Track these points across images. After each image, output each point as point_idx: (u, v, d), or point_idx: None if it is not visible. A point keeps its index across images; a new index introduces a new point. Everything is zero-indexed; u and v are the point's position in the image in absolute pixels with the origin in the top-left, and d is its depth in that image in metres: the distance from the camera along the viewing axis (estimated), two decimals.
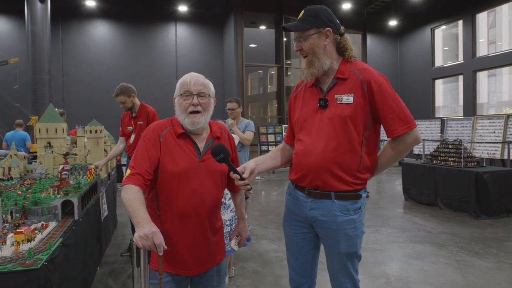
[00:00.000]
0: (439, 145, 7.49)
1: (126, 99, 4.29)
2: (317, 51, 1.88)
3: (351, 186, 1.88)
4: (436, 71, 15.89)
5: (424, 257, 4.45)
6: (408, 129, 1.83)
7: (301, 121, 1.99)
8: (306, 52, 1.91)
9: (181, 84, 1.81)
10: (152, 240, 1.38)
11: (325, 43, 1.90)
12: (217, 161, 1.70)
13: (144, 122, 4.32)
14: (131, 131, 4.44)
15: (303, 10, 1.94)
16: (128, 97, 4.31)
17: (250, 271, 4.07)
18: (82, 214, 3.04)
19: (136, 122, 4.39)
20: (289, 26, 1.94)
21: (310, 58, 1.90)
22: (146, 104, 4.48)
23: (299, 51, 1.94)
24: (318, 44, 1.89)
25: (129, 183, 1.62)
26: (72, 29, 14.47)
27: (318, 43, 1.89)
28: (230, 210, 3.37)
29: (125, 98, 4.29)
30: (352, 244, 1.91)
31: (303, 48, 1.91)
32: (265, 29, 16.95)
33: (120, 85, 4.35)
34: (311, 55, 1.89)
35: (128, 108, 4.38)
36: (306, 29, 1.89)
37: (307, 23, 1.89)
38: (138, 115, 4.40)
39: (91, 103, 14.07)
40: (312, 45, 1.88)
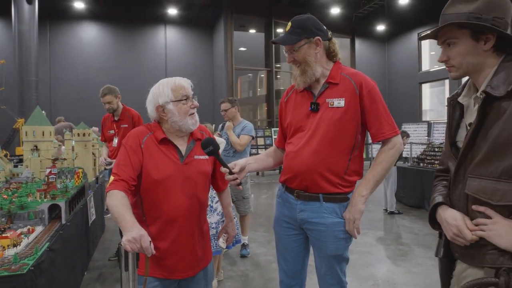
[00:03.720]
0: (426, 148, 7.60)
1: (113, 99, 4.24)
2: (309, 59, 1.93)
3: (339, 188, 1.92)
4: (423, 75, 16.14)
5: (411, 259, 4.51)
6: (395, 133, 1.92)
7: (293, 124, 2.03)
8: (299, 62, 1.95)
9: (176, 90, 1.80)
10: (140, 243, 1.38)
11: (316, 51, 1.94)
12: (207, 153, 1.77)
13: (128, 125, 4.25)
14: (113, 135, 4.35)
15: (290, 22, 1.97)
16: (115, 97, 4.26)
17: (239, 275, 4.07)
18: (70, 218, 3.01)
19: (120, 125, 4.31)
20: (278, 40, 1.99)
21: (303, 67, 1.94)
22: (129, 107, 4.42)
23: (293, 62, 1.97)
24: (309, 53, 1.93)
25: (114, 188, 1.61)
26: (60, 31, 14.34)
27: (309, 52, 1.93)
28: (216, 213, 3.38)
29: (112, 98, 4.23)
30: (340, 247, 1.94)
31: (296, 59, 1.95)
32: (254, 33, 17.02)
33: (106, 85, 4.29)
34: (304, 64, 1.94)
35: (113, 110, 4.30)
36: (296, 41, 1.93)
37: (296, 35, 1.93)
38: (121, 118, 4.33)
39: (79, 106, 13.92)
40: (304, 56, 1.93)
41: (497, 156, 1.22)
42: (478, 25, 1.25)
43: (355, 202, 1.90)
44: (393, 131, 1.91)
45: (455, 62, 1.33)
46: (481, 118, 1.26)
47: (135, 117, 4.33)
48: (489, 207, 1.24)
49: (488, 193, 1.23)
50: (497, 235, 1.20)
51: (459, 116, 1.41)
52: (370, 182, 1.92)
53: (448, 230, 1.33)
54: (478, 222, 1.26)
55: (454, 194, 1.38)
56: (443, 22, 1.32)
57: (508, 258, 1.19)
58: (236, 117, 4.55)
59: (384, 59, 18.47)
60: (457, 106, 1.42)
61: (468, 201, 1.31)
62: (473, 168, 1.28)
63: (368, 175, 1.94)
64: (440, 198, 1.42)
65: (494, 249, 1.22)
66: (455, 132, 1.42)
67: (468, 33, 1.28)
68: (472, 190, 1.28)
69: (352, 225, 1.88)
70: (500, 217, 1.22)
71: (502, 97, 1.21)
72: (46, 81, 13.91)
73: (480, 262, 1.26)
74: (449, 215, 1.34)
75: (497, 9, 1.25)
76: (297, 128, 2.01)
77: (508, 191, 1.19)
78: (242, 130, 4.44)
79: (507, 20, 1.27)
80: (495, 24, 1.24)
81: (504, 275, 1.17)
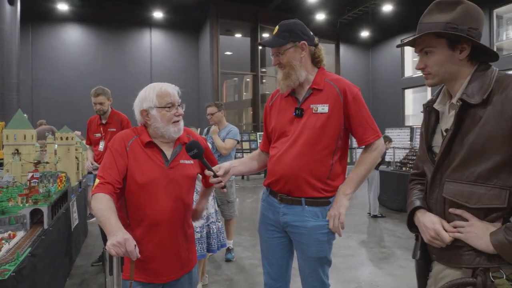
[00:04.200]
0: (408, 153, 7.74)
1: (105, 101, 4.13)
2: (294, 63, 1.97)
3: (322, 193, 1.96)
4: (406, 81, 16.42)
5: (394, 262, 4.58)
6: (378, 137, 1.99)
7: (278, 129, 2.07)
8: (283, 65, 1.98)
9: (161, 96, 1.80)
10: (125, 246, 1.38)
11: (301, 55, 1.98)
12: (191, 156, 1.77)
13: (117, 129, 4.13)
14: (99, 138, 4.25)
15: (277, 26, 2.00)
16: (108, 99, 4.17)
17: (224, 279, 4.07)
18: (52, 223, 2.98)
19: (107, 129, 4.20)
20: (265, 42, 2.02)
21: (287, 71, 1.97)
22: (118, 111, 4.33)
23: (278, 65, 2.01)
24: (294, 57, 1.97)
25: (99, 192, 1.61)
26: (43, 32, 14.10)
27: (295, 56, 1.97)
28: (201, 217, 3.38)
29: (105, 100, 4.13)
30: (322, 249, 1.97)
31: (281, 62, 1.99)
32: (240, 37, 17.06)
33: (99, 86, 4.19)
34: (288, 67, 1.97)
35: (103, 112, 4.18)
36: (283, 44, 1.97)
37: (283, 38, 1.97)
38: (109, 122, 4.22)
39: (62, 109, 13.68)
40: (289, 59, 1.97)
41: (473, 161, 1.26)
42: (454, 35, 1.29)
43: (339, 199, 1.95)
44: (376, 135, 1.99)
45: (432, 70, 1.37)
46: (457, 125, 1.30)
47: (124, 121, 4.24)
48: (466, 210, 1.29)
49: (465, 196, 1.28)
50: (474, 237, 1.25)
51: (435, 122, 1.46)
52: (354, 181, 1.98)
53: (426, 233, 1.37)
54: (455, 224, 1.31)
55: (431, 198, 1.42)
56: (421, 31, 1.36)
57: (484, 259, 1.24)
58: (222, 121, 4.56)
59: (368, 64, 18.73)
60: (433, 112, 1.46)
61: (445, 204, 1.35)
62: (450, 173, 1.33)
63: (351, 174, 2.00)
64: (418, 202, 1.46)
65: (471, 250, 1.26)
66: (431, 137, 1.46)
67: (445, 42, 1.32)
68: (449, 194, 1.32)
69: (337, 221, 1.91)
70: (476, 220, 1.27)
71: (477, 105, 1.26)
72: (28, 83, 13.65)
73: (458, 263, 1.30)
74: (427, 219, 1.38)
75: (472, 20, 1.30)
76: (281, 132, 2.05)
77: (483, 195, 1.25)
78: (227, 134, 4.44)
79: (480, 31, 1.32)
80: (470, 34, 1.29)
81: (481, 274, 1.22)
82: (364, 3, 14.88)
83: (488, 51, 1.33)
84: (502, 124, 1.21)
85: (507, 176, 1.23)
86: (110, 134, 4.15)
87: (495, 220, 1.25)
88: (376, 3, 14.67)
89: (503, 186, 1.23)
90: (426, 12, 1.38)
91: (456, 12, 1.30)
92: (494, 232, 1.22)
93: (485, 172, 1.24)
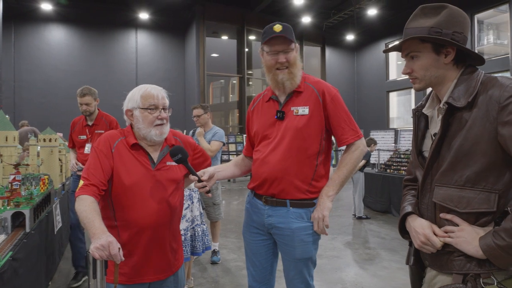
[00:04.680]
0: (392, 155, 7.85)
1: (91, 101, 3.89)
2: (297, 63, 2.01)
3: (306, 195, 1.98)
4: (390, 84, 16.66)
5: (378, 263, 4.64)
6: (358, 138, 2.00)
7: (260, 132, 2.08)
8: (290, 63, 1.97)
9: (144, 97, 1.79)
10: (109, 250, 1.37)
11: (298, 56, 2.03)
12: (175, 161, 1.76)
13: (105, 131, 4.06)
14: (84, 141, 4.00)
15: (278, 24, 1.96)
16: (94, 99, 3.93)
17: (209, 281, 4.06)
18: (34, 226, 2.93)
19: (94, 130, 3.97)
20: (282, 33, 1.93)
21: (292, 70, 1.98)
22: (106, 113, 4.12)
23: (285, 63, 1.97)
24: (296, 57, 2.01)
25: (83, 193, 1.59)
26: (26, 32, 13.87)
27: (296, 56, 2.02)
28: (185, 219, 3.37)
29: (91, 100, 3.88)
30: (308, 250, 1.99)
31: (288, 60, 1.97)
32: (227, 39, 17.07)
33: (85, 86, 3.95)
34: (293, 67, 1.99)
35: (89, 113, 3.94)
36: (294, 42, 2.00)
37: (291, 37, 1.98)
38: (96, 123, 3.99)
39: (45, 110, 13.47)
40: (295, 58, 2.00)
41: (461, 165, 1.26)
42: (438, 39, 1.29)
43: (322, 201, 1.95)
44: (356, 136, 1.99)
45: (418, 74, 1.37)
46: (444, 128, 1.30)
47: (113, 123, 4.04)
48: (456, 215, 1.28)
49: (454, 201, 1.27)
50: (464, 242, 1.23)
51: (424, 126, 1.45)
52: (336, 183, 1.98)
53: (416, 239, 1.36)
54: (446, 229, 1.29)
55: (422, 203, 1.41)
56: (406, 35, 1.36)
57: (474, 264, 1.22)
58: (208, 123, 4.55)
59: (353, 67, 18.94)
60: (422, 117, 1.46)
61: (436, 209, 1.34)
62: (439, 177, 1.32)
63: (333, 176, 2.00)
64: (409, 207, 1.45)
65: (462, 255, 1.25)
66: (421, 142, 1.45)
67: (430, 47, 1.32)
68: (439, 199, 1.32)
69: (321, 223, 1.93)
70: (466, 224, 1.25)
71: (463, 108, 1.26)
72: (10, 84, 13.40)
73: (449, 269, 1.28)
74: (417, 224, 1.37)
75: (456, 24, 1.30)
76: (263, 136, 2.07)
77: (473, 199, 1.23)
78: (213, 136, 4.43)
79: (465, 34, 1.32)
80: (454, 38, 1.29)
81: (471, 280, 1.20)
82: (349, 7, 15.06)
83: (472, 55, 1.33)
84: (487, 126, 1.20)
85: (495, 179, 1.22)
86: (97, 136, 3.88)
87: (485, 224, 1.24)
88: (361, 7, 14.86)
89: (492, 190, 1.22)
90: (411, 17, 1.39)
91: (440, 16, 1.31)
92: (483, 236, 1.20)
93: (473, 175, 1.23)
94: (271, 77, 2.02)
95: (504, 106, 1.17)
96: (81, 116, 4.08)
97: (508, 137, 1.16)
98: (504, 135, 1.17)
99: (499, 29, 15.05)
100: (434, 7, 1.34)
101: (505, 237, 1.14)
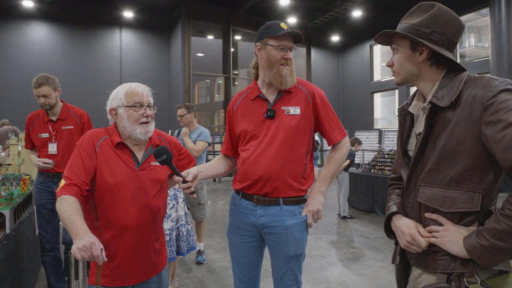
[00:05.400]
0: (376, 155, 7.95)
1: (51, 92, 3.28)
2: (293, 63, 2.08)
3: (298, 192, 2.03)
4: (375, 85, 16.86)
5: (362, 261, 4.69)
6: (344, 135, 2.10)
7: (249, 131, 2.07)
8: (291, 62, 2.05)
9: (129, 95, 1.77)
10: (91, 251, 1.35)
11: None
12: (159, 162, 1.74)
13: (75, 126, 3.41)
14: (46, 139, 3.38)
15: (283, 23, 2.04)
16: (54, 90, 3.32)
17: (194, 281, 4.04)
18: (15, 228, 2.87)
19: (60, 126, 3.39)
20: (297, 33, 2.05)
21: (292, 68, 2.05)
22: (72, 105, 3.53)
23: (289, 60, 2.04)
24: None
25: (65, 193, 1.56)
26: (7, 30, 13.54)
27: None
28: (170, 219, 3.35)
29: (50, 91, 3.28)
30: (300, 246, 2.03)
31: (291, 58, 2.05)
32: (212, 39, 17.01)
33: (42, 74, 3.35)
34: (292, 65, 2.05)
35: (49, 107, 3.33)
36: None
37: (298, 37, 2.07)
38: (62, 118, 3.40)
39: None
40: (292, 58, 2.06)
41: (445, 165, 1.26)
42: (411, 38, 1.31)
43: (316, 196, 2.04)
44: (342, 133, 2.11)
45: (395, 68, 1.40)
46: (428, 128, 1.31)
47: (84, 116, 3.49)
48: (441, 214, 1.29)
49: (439, 200, 1.28)
50: (448, 241, 1.24)
51: (410, 125, 1.46)
52: (327, 179, 2.08)
53: (402, 239, 1.37)
54: (430, 229, 1.31)
55: (407, 203, 1.42)
56: (398, 29, 1.38)
57: (459, 264, 1.23)
58: (192, 123, 4.53)
59: (338, 68, 19.10)
60: (408, 116, 1.47)
61: (421, 209, 1.35)
62: (424, 177, 1.33)
63: (323, 172, 2.09)
64: (394, 207, 1.46)
65: (446, 255, 1.26)
66: (406, 141, 1.46)
67: (408, 43, 1.34)
68: (424, 198, 1.32)
69: (315, 216, 2.02)
70: (451, 224, 1.26)
71: (447, 108, 1.26)
72: None
73: (433, 268, 1.30)
74: (403, 224, 1.38)
75: (438, 24, 1.30)
76: (252, 135, 2.06)
77: (457, 198, 1.25)
78: (198, 136, 4.42)
79: (449, 36, 1.31)
80: (431, 38, 1.29)
81: (455, 279, 1.22)
82: (334, 8, 15.18)
83: (444, 57, 1.31)
84: (471, 125, 1.21)
85: (479, 179, 1.23)
86: (66, 133, 3.39)
87: (469, 224, 1.25)
88: (346, 8, 14.99)
89: (476, 190, 1.23)
90: (408, 12, 1.40)
91: (426, 15, 1.31)
92: (467, 236, 1.21)
93: (457, 175, 1.24)
94: (274, 72, 2.01)
95: (487, 106, 1.18)
96: (39, 110, 3.47)
97: (491, 137, 1.16)
98: (487, 135, 1.17)
99: (480, 32, 15.40)
100: (428, 5, 1.34)
101: (489, 237, 1.15)
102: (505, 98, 1.16)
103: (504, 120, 1.13)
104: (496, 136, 1.15)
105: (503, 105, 1.15)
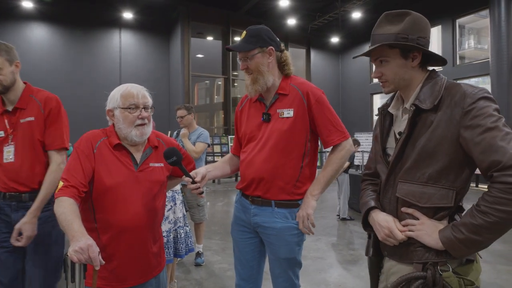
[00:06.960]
0: None
1: (4, 65, 2.15)
2: (262, 69, 1.99)
3: (291, 196, 2.00)
4: (374, 86, 16.87)
5: (361, 263, 4.67)
6: (344, 138, 2.00)
7: (247, 134, 2.10)
8: (251, 70, 2.00)
9: (124, 97, 1.76)
10: (88, 253, 1.34)
11: (268, 61, 2.01)
12: (170, 164, 1.75)
13: (36, 117, 2.23)
14: (1, 140, 2.23)
15: (245, 31, 2.03)
16: (9, 62, 2.19)
17: (193, 283, 4.02)
18: None
19: (18, 120, 2.23)
20: (233, 47, 2.03)
21: (255, 76, 1.99)
22: (38, 88, 2.34)
23: (245, 70, 2.02)
24: (262, 62, 1.99)
25: (63, 195, 1.55)
26: (6, 30, 13.53)
27: (262, 61, 1.99)
28: (168, 221, 3.34)
29: (3, 63, 2.15)
30: (291, 250, 2.00)
31: (249, 67, 2.00)
32: (212, 40, 17.03)
33: None
34: (256, 73, 1.99)
35: (2, 88, 2.18)
36: (250, 49, 1.98)
37: (250, 43, 1.98)
38: (21, 107, 2.24)
39: None
40: (257, 64, 1.98)
41: (424, 163, 1.36)
42: (405, 45, 1.38)
43: (307, 200, 1.97)
44: (342, 136, 1.99)
45: (388, 77, 1.45)
46: (410, 128, 1.39)
47: (50, 101, 2.28)
48: (417, 209, 1.38)
49: (416, 196, 1.37)
50: (424, 234, 1.34)
51: (389, 124, 1.55)
52: (321, 182, 1.99)
53: (380, 232, 1.45)
54: (407, 223, 1.40)
55: (384, 198, 1.51)
56: (374, 42, 1.44)
57: (433, 254, 1.33)
58: (192, 124, 4.52)
59: (337, 70, 19.12)
60: (387, 116, 1.55)
61: (398, 203, 1.44)
62: (403, 174, 1.41)
63: (318, 176, 2.03)
64: (372, 202, 1.54)
65: (421, 246, 1.36)
66: (385, 139, 1.54)
67: (398, 52, 1.41)
68: (402, 194, 1.41)
69: (306, 221, 1.94)
70: (426, 218, 1.36)
71: (429, 110, 1.35)
72: None
73: (409, 259, 1.39)
74: (381, 218, 1.47)
75: (420, 29, 1.39)
76: (250, 137, 2.09)
77: (433, 195, 1.34)
78: (197, 137, 4.40)
79: (428, 39, 1.42)
80: (419, 43, 1.38)
81: (431, 268, 1.31)
82: (334, 10, 15.20)
83: (436, 57, 1.43)
84: (451, 128, 1.30)
85: (454, 177, 1.33)
86: (24, 128, 2.23)
87: (442, 218, 1.36)
88: (346, 10, 15.01)
89: (451, 187, 1.33)
90: (377, 24, 1.47)
91: (404, 23, 1.39)
92: (442, 229, 1.31)
93: (435, 173, 1.34)
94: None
95: (468, 111, 1.27)
96: None
97: (470, 139, 1.26)
98: (466, 138, 1.27)
99: (479, 34, 15.41)
100: (398, 14, 1.42)
101: (464, 231, 1.24)
102: (484, 105, 1.27)
103: (482, 125, 1.24)
104: (475, 139, 1.25)
105: (482, 111, 1.26)
